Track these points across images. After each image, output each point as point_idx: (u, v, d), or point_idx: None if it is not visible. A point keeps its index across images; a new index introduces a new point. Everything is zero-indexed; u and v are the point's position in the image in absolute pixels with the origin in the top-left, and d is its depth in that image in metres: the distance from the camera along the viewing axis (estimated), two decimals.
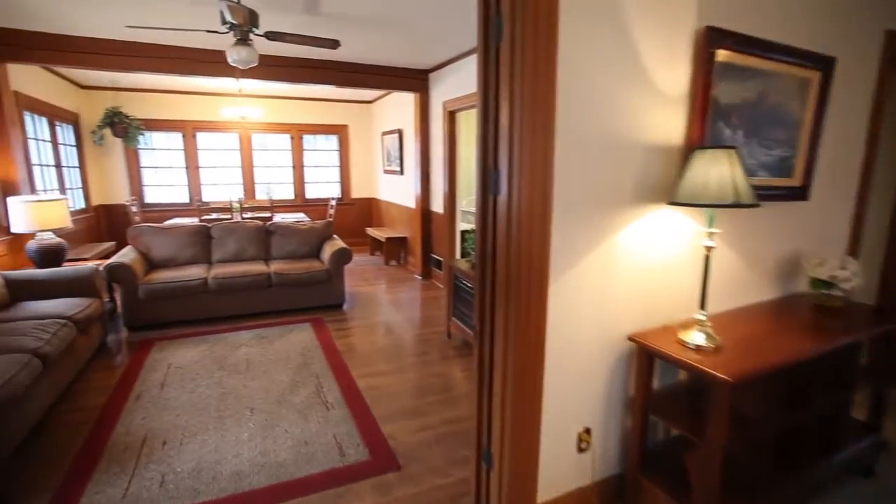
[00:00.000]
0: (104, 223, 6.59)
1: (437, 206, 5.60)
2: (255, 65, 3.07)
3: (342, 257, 4.68)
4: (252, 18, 2.79)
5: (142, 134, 6.32)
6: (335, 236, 5.25)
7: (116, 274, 3.91)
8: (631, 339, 1.81)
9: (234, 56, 2.91)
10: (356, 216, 8.23)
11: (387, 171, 7.35)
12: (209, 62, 4.39)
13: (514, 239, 1.54)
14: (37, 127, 5.00)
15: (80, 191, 6.09)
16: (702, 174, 1.56)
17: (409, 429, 2.62)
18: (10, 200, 3.82)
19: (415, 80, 5.46)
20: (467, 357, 3.59)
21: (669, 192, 1.79)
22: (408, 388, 3.11)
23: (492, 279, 1.69)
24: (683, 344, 1.70)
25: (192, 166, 7.19)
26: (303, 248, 5.00)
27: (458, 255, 5.14)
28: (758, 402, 1.88)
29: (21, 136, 4.51)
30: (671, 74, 1.73)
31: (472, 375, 1.97)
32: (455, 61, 4.88)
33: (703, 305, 1.70)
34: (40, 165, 4.99)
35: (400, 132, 6.55)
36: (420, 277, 5.99)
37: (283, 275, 4.45)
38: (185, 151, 7.12)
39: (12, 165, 4.12)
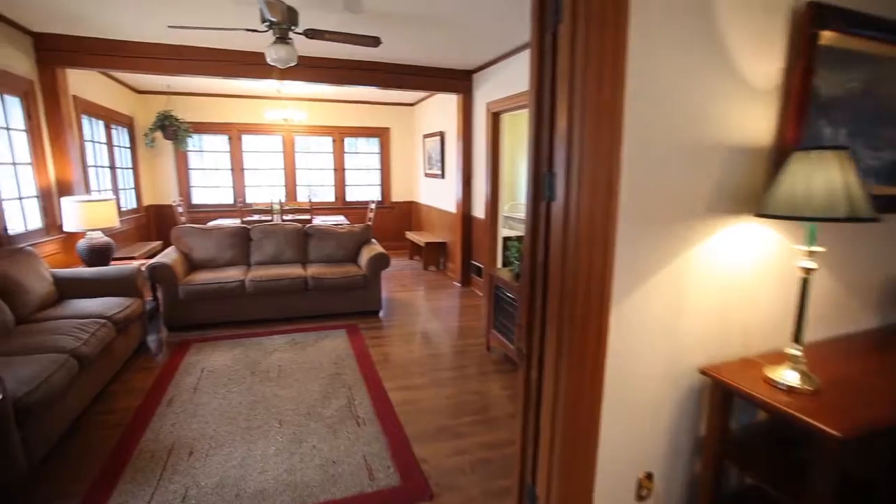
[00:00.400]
0: (154, 223, 6.80)
1: (479, 211, 5.40)
2: (294, 64, 2.99)
3: (380, 263, 4.56)
4: (291, 16, 2.71)
5: (190, 136, 6.48)
6: (373, 240, 5.15)
7: (158, 274, 3.94)
8: (704, 372, 1.55)
9: (273, 55, 2.83)
10: (396, 220, 8.16)
11: (427, 175, 7.22)
12: (252, 64, 4.39)
13: (570, 252, 1.32)
14: (93, 129, 5.18)
15: (133, 191, 6.29)
16: (803, 181, 1.29)
17: (443, 451, 2.43)
18: (64, 200, 3.93)
19: (458, 80, 5.29)
20: (507, 373, 3.36)
21: (755, 201, 1.51)
22: (443, 405, 2.92)
23: (542, 296, 1.47)
24: (772, 383, 1.42)
25: (236, 168, 7.32)
26: (340, 251, 4.92)
27: (499, 263, 4.92)
28: (861, 458, 1.56)
29: (78, 139, 4.67)
30: (761, 62, 1.46)
31: (517, 401, 1.75)
32: (500, 60, 4.68)
33: (797, 338, 1.42)
34: (95, 167, 5.16)
35: (441, 135, 6.41)
36: (459, 284, 5.80)
37: (320, 279, 4.37)
38: (230, 153, 7.27)
39: (68, 166, 4.25)
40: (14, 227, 3.65)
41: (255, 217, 5.97)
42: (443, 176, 6.51)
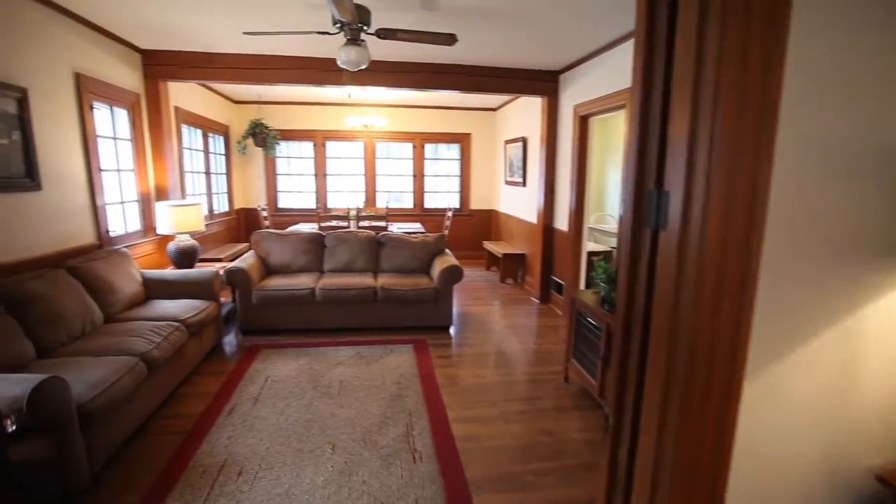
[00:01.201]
0: (244, 225, 7.17)
1: (561, 222, 4.96)
2: (365, 66, 2.84)
3: (452, 276, 4.31)
4: (362, 16, 2.55)
5: (278, 143, 6.74)
6: (447, 251, 4.93)
7: (234, 278, 4.02)
8: (883, 479, 1.07)
9: (344, 57, 2.70)
10: (474, 228, 7.90)
11: (508, 183, 6.88)
12: (330, 70, 4.37)
13: (686, 299, 0.95)
14: (192, 138, 5.53)
15: (226, 195, 6.67)
16: None
17: None
18: (158, 204, 4.15)
19: (543, 82, 4.91)
20: (587, 411, 2.93)
21: None
22: (510, 444, 2.57)
23: (640, 352, 1.10)
24: None
25: (320, 174, 7.52)
26: (412, 262, 4.75)
27: (582, 282, 4.46)
28: None
29: (177, 147, 4.98)
30: None
31: (599, 479, 1.38)
32: (590, 59, 4.24)
33: None
34: (192, 172, 5.49)
35: (524, 140, 6.05)
36: (538, 301, 5.39)
37: (389, 290, 4.22)
38: (314, 159, 7.48)
39: (166, 173, 4.52)
40: (115, 228, 3.90)
41: (334, 222, 6.02)
42: (524, 184, 6.14)
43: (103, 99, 3.76)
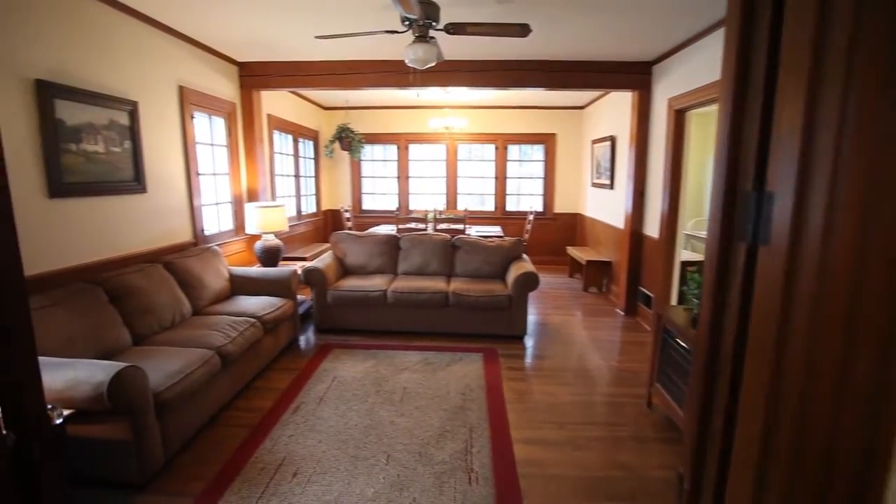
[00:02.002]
0: (330, 226, 7.49)
1: (652, 228, 4.50)
2: (433, 64, 2.74)
3: (527, 283, 4.07)
4: (429, 12, 2.45)
5: (363, 147, 6.94)
6: (524, 256, 4.69)
7: (310, 277, 4.15)
8: None
9: (411, 55, 2.63)
10: (557, 233, 7.53)
11: (595, 185, 6.45)
12: (411, 72, 4.35)
13: (796, 347, 0.69)
14: (282, 143, 5.87)
15: (314, 197, 7.01)
16: None
17: None
18: (247, 206, 4.43)
19: (634, 74, 4.49)
20: (671, 444, 2.56)
21: None
22: (577, 475, 2.31)
23: (727, 403, 0.85)
24: None
25: (402, 176, 7.63)
26: (487, 267, 4.59)
27: (673, 297, 3.98)
28: None
29: (269, 151, 5.31)
30: None
31: None
32: (687, 45, 3.77)
33: None
34: (281, 175, 5.83)
35: (612, 139, 5.61)
36: (622, 313, 4.95)
37: (461, 295, 4.09)
38: (398, 162, 7.61)
39: (256, 175, 4.82)
40: (209, 228, 4.22)
41: (412, 224, 6.04)
42: (611, 186, 5.70)
43: (203, 109, 4.08)
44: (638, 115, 4.57)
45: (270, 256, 4.44)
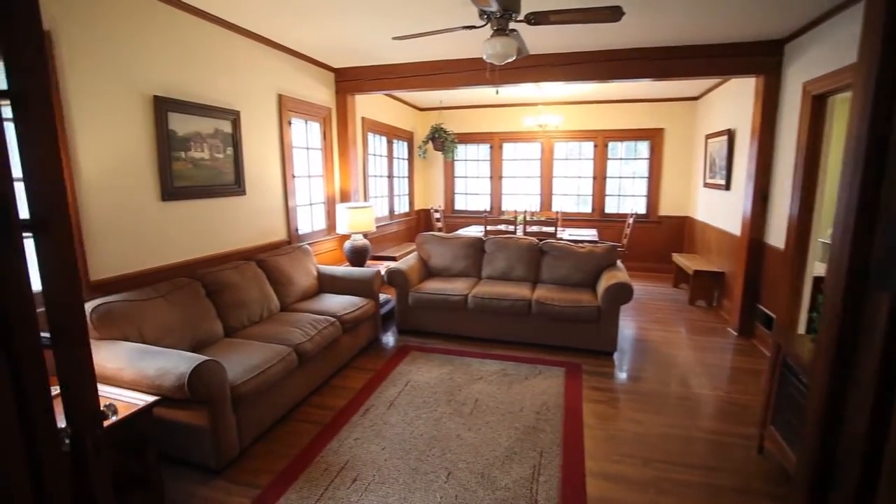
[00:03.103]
0: (423, 226, 7.60)
1: (776, 237, 3.83)
2: (513, 59, 2.55)
3: (619, 294, 3.70)
4: (508, 3, 2.27)
5: (455, 147, 6.91)
6: (619, 265, 4.29)
7: (393, 278, 4.19)
8: None
9: (489, 50, 2.47)
10: (663, 238, 6.84)
11: (707, 185, 5.71)
12: (499, 70, 4.19)
13: None
14: (376, 144, 6.05)
15: (406, 197, 7.16)
16: None
17: None
18: (338, 206, 4.61)
19: (759, 56, 3.84)
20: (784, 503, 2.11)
21: None
22: None
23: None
24: None
25: (495, 176, 7.48)
26: (576, 274, 4.27)
27: (801, 321, 3.34)
28: None
29: (363, 153, 5.50)
30: None
31: None
32: (831, 16, 3.11)
33: None
34: (375, 176, 6.01)
35: (730, 133, 4.90)
36: (735, 333, 4.30)
37: (545, 304, 3.84)
38: (490, 162, 7.47)
39: (349, 177, 5.01)
40: (303, 227, 4.47)
41: (501, 227, 5.87)
42: (727, 187, 4.99)
43: (300, 115, 4.32)
44: (762, 102, 3.91)
45: (358, 256, 4.58)
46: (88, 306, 2.35)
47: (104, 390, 2.13)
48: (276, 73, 3.96)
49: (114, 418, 1.26)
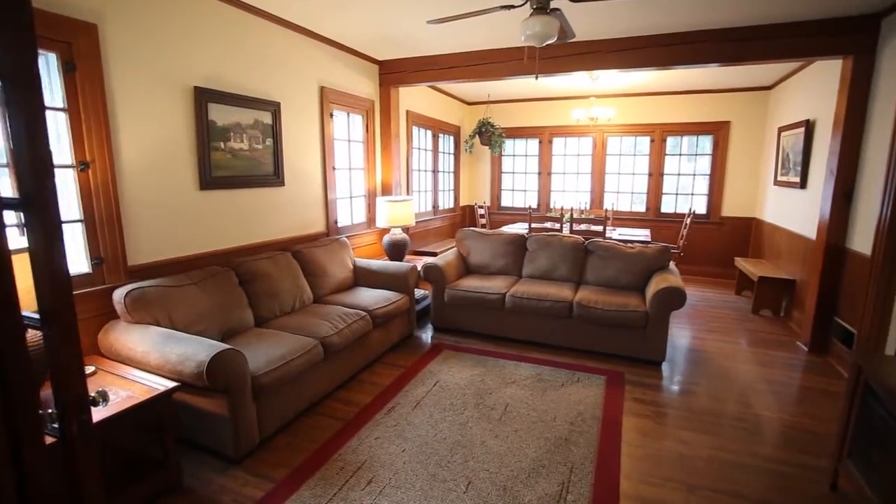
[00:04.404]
0: (469, 221, 7.46)
1: (861, 242, 3.36)
2: (553, 41, 2.34)
3: (669, 299, 3.39)
4: None
5: (503, 141, 6.70)
6: (671, 268, 3.95)
7: (429, 274, 4.08)
8: None
9: (527, 31, 2.27)
10: (725, 240, 6.29)
11: (778, 183, 5.17)
12: (545, 59, 3.96)
13: None
14: (421, 138, 5.96)
15: (451, 192, 7.04)
16: None
17: None
18: (378, 199, 4.57)
19: (845, 35, 3.37)
20: None
21: None
22: None
23: None
24: None
25: (544, 172, 7.20)
26: (624, 276, 3.97)
27: (890, 341, 2.90)
28: None
29: (407, 147, 5.43)
30: None
31: None
32: None
33: None
34: (419, 170, 5.93)
35: (807, 125, 4.38)
36: (806, 348, 3.84)
37: (587, 307, 3.59)
38: (539, 157, 7.20)
39: (391, 170, 4.95)
40: (342, 220, 4.46)
41: (547, 224, 5.62)
42: (802, 185, 4.47)
43: (342, 107, 4.30)
44: (850, 87, 3.43)
45: (396, 250, 4.51)
46: (122, 291, 2.40)
47: (131, 373, 2.17)
48: (319, 65, 3.95)
49: (103, 406, 1.22)
